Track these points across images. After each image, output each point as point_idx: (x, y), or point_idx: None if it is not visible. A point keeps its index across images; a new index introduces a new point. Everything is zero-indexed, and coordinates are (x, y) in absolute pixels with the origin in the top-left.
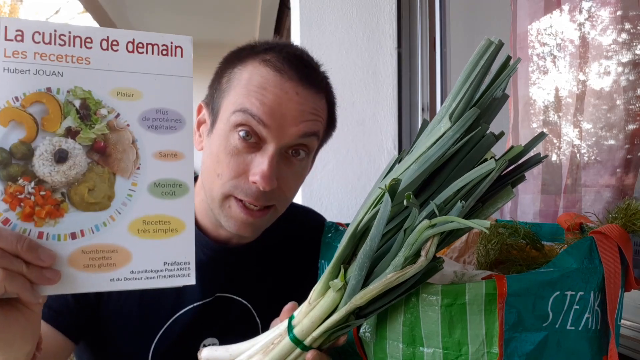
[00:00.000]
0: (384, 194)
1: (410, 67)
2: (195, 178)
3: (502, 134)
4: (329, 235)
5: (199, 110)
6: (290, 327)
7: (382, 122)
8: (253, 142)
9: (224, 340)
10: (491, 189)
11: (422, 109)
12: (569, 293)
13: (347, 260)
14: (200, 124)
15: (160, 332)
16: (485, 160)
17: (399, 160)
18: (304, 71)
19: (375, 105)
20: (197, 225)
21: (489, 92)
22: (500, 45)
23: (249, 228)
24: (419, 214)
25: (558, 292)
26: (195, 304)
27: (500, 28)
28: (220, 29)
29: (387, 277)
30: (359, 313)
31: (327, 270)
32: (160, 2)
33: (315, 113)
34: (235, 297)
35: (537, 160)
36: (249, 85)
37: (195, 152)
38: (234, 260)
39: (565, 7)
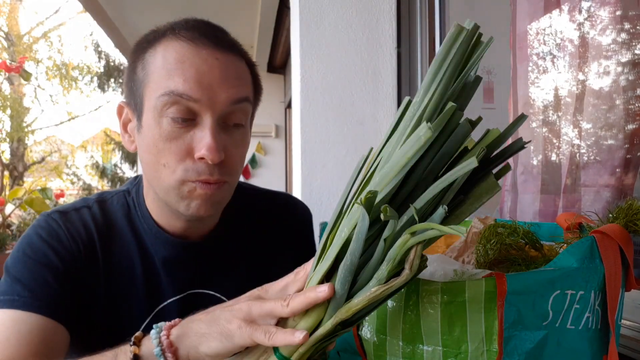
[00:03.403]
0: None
1: (410, 67)
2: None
3: (479, 119)
4: None
5: (120, 112)
6: None
7: (382, 121)
8: (187, 120)
9: None
10: (471, 177)
11: None
12: (569, 292)
13: (327, 273)
14: (125, 124)
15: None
16: (465, 147)
17: (369, 162)
18: (216, 36)
19: (374, 105)
20: (156, 224)
21: (461, 78)
22: (475, 30)
23: (209, 205)
24: (399, 218)
25: (558, 291)
26: (168, 301)
27: (500, 28)
28: None
29: (372, 291)
30: (344, 322)
31: (310, 285)
32: (159, 2)
33: (239, 77)
34: (208, 291)
35: (519, 145)
36: (166, 65)
37: None
38: (199, 255)
39: (565, 7)
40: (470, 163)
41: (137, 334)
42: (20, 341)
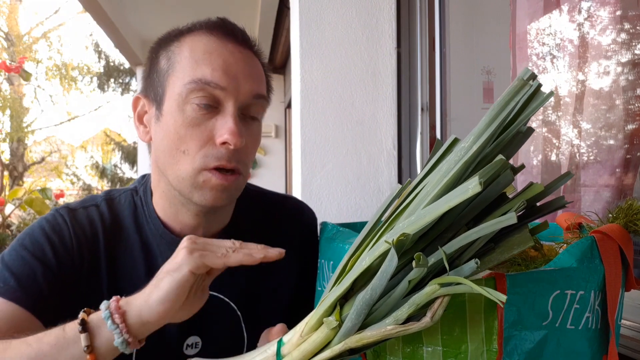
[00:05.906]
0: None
1: (410, 67)
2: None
3: (522, 166)
4: (330, 234)
5: (135, 104)
6: (279, 355)
7: (382, 122)
8: (211, 107)
9: (207, 338)
10: (505, 227)
11: (422, 109)
12: (569, 292)
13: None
14: (141, 116)
15: None
16: (503, 194)
17: (403, 195)
18: (239, 33)
19: (374, 105)
20: (162, 222)
21: (513, 127)
22: (539, 86)
23: (224, 195)
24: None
25: (558, 291)
26: None
27: (500, 28)
28: None
29: (388, 329)
30: (352, 349)
31: (323, 305)
32: (159, 2)
33: (259, 74)
34: (213, 293)
35: (560, 204)
36: (194, 55)
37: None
38: None
39: (565, 7)
40: (509, 218)
41: (86, 309)
42: None
